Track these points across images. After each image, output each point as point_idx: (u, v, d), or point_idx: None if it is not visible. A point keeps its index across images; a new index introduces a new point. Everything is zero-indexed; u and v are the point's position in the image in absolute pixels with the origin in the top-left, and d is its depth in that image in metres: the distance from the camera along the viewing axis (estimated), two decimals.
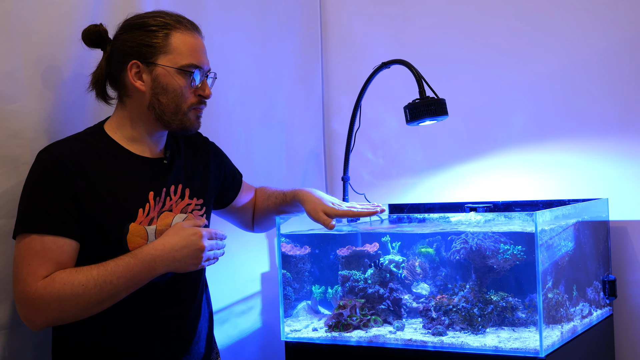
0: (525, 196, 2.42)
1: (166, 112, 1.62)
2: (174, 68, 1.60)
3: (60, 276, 1.49)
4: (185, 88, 1.61)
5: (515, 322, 1.91)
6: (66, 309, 1.49)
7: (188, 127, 1.65)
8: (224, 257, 2.14)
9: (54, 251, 1.50)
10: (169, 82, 1.60)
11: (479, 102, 2.54)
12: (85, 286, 1.48)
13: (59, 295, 1.47)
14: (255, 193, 2.03)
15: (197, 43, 1.64)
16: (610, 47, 2.34)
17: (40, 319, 1.50)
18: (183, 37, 1.61)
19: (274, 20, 2.58)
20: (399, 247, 2.12)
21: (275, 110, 2.57)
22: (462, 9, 2.57)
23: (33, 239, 1.50)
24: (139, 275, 1.53)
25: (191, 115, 1.65)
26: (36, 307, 1.48)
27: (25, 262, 1.49)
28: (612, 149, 2.34)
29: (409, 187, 2.66)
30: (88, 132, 1.65)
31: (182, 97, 1.62)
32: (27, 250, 1.49)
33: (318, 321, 2.13)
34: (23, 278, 1.48)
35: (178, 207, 1.69)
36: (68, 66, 1.77)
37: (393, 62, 2.21)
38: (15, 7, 1.66)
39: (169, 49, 1.59)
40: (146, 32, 1.59)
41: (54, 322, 1.53)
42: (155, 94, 1.61)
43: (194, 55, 1.62)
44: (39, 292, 1.47)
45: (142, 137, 1.66)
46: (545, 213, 1.82)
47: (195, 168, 1.77)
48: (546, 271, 1.82)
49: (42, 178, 1.53)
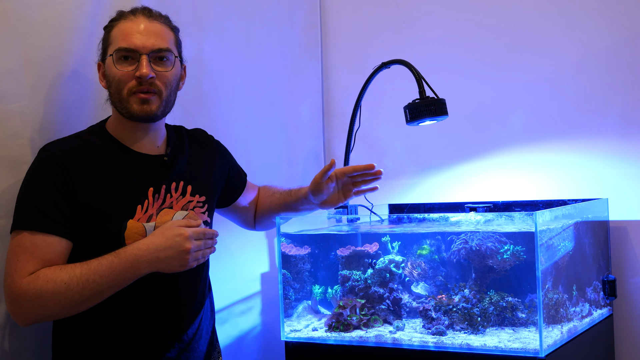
0: (525, 196, 2.41)
1: (116, 103, 1.63)
2: (110, 56, 1.61)
3: (45, 273, 1.50)
4: (120, 73, 1.59)
5: (515, 322, 1.91)
6: (49, 306, 1.50)
7: (132, 113, 1.60)
8: (224, 257, 2.15)
9: (43, 249, 1.51)
10: (109, 72, 1.62)
11: (479, 102, 2.54)
12: (68, 284, 1.49)
13: (41, 292, 1.48)
14: (259, 192, 2.03)
15: (133, 26, 1.60)
16: (610, 46, 2.34)
17: (24, 315, 1.51)
18: (122, 25, 1.62)
19: (274, 20, 2.58)
20: (399, 247, 2.12)
21: (275, 110, 2.57)
22: (462, 9, 2.57)
23: (24, 235, 1.51)
24: (122, 275, 1.53)
25: (132, 101, 1.60)
26: (20, 303, 1.50)
27: (15, 258, 1.51)
28: (612, 149, 2.34)
29: (409, 187, 2.66)
30: (89, 130, 1.67)
31: (120, 83, 1.60)
32: (18, 247, 1.51)
33: (318, 321, 2.13)
34: (11, 274, 1.50)
35: (179, 204, 1.69)
36: (68, 66, 1.77)
37: (393, 62, 2.21)
38: (15, 7, 1.66)
39: (110, 41, 1.62)
40: (105, 31, 1.64)
41: (40, 319, 1.54)
42: (109, 88, 1.63)
43: (125, 38, 1.59)
44: (23, 288, 1.49)
45: (134, 133, 1.66)
46: (545, 213, 1.82)
47: (199, 165, 1.77)
48: (546, 271, 1.82)
49: (39, 176, 1.55)
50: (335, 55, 2.80)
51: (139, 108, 1.60)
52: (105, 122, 1.69)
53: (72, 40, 1.76)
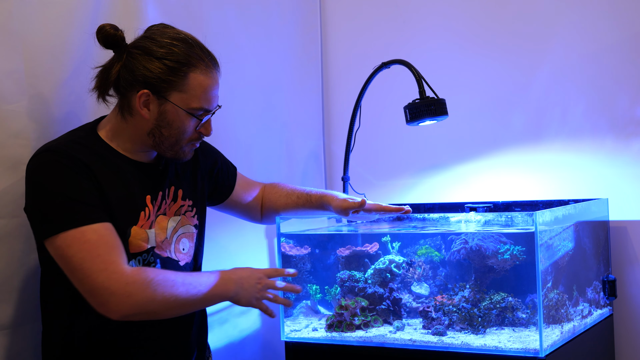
0: (525, 196, 2.41)
1: (164, 143, 1.61)
2: (184, 109, 1.58)
3: (148, 268, 1.52)
4: (190, 127, 1.61)
5: (515, 322, 1.91)
6: (156, 298, 1.47)
7: (181, 158, 1.66)
8: (223, 258, 2.15)
9: (111, 236, 1.49)
10: (175, 119, 1.58)
11: (479, 102, 2.54)
12: (174, 282, 1.50)
13: (152, 281, 1.47)
14: (264, 190, 2.02)
15: (213, 84, 1.60)
16: (613, 45, 2.33)
17: (128, 304, 1.45)
18: (200, 78, 1.57)
19: (274, 20, 2.57)
20: (399, 247, 2.12)
21: (275, 109, 2.56)
22: (462, 9, 2.57)
23: (83, 231, 1.46)
24: (215, 290, 1.56)
25: (186, 149, 1.64)
26: (129, 292, 1.45)
27: (93, 254, 1.45)
28: (612, 149, 2.34)
29: (409, 187, 2.66)
30: (82, 135, 1.61)
31: (184, 134, 1.61)
32: (84, 244, 1.45)
33: (318, 321, 2.13)
34: (103, 268, 1.44)
35: (172, 209, 1.69)
36: (68, 66, 1.76)
37: (393, 62, 2.21)
38: (15, 7, 1.65)
39: (183, 89, 1.56)
40: (164, 66, 1.55)
41: (139, 310, 1.48)
42: (159, 126, 1.58)
43: (207, 99, 1.59)
44: (132, 277, 1.45)
45: (136, 149, 1.64)
46: (545, 213, 1.82)
47: (184, 168, 1.76)
48: (546, 271, 1.82)
49: (62, 174, 1.50)
50: (335, 55, 2.80)
51: (190, 154, 1.67)
52: (95, 127, 1.64)
53: (72, 41, 1.75)
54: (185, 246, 1.71)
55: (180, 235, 1.70)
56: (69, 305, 1.56)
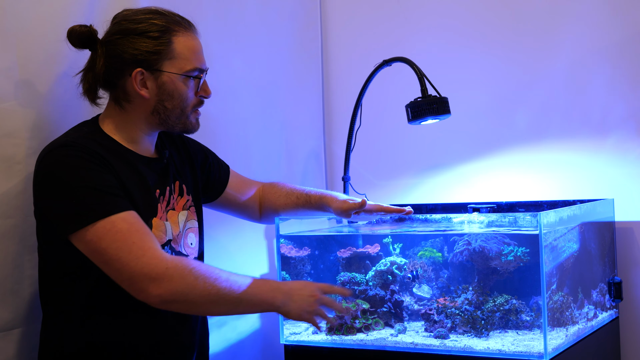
0: (529, 196, 2.40)
1: (171, 117, 1.63)
2: (180, 74, 1.60)
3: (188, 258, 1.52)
4: (190, 92, 1.63)
5: (519, 325, 1.90)
6: (197, 288, 1.46)
7: (190, 129, 1.67)
8: (222, 259, 2.13)
9: (140, 224, 1.49)
10: (175, 88, 1.60)
11: (482, 100, 2.53)
12: (218, 276, 1.49)
13: (194, 269, 1.47)
14: (262, 189, 2.01)
15: (197, 44, 1.64)
16: (616, 44, 2.32)
17: (169, 289, 1.44)
18: (184, 40, 1.61)
19: (274, 20, 2.57)
20: (401, 249, 2.10)
21: (275, 109, 2.56)
22: (465, 6, 2.55)
23: (113, 221, 1.45)
24: (261, 294, 1.54)
25: (192, 118, 1.66)
26: (170, 275, 1.44)
27: (128, 242, 1.45)
28: (618, 149, 2.32)
29: (410, 187, 2.65)
30: (88, 131, 1.61)
31: (186, 100, 1.63)
32: (116, 234, 1.45)
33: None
34: (140, 254, 1.44)
35: (179, 204, 1.70)
36: (63, 64, 1.75)
37: (394, 59, 2.20)
38: (9, 5, 1.64)
39: (172, 55, 1.59)
40: (149, 39, 1.57)
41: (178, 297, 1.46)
42: (161, 101, 1.60)
43: (197, 58, 1.62)
44: (172, 262, 1.46)
45: (141, 138, 1.65)
46: (549, 214, 1.81)
47: (182, 164, 1.77)
48: (551, 273, 1.81)
49: (83, 167, 1.49)
50: (336, 53, 2.79)
51: (197, 124, 1.68)
52: (96, 123, 1.64)
53: (67, 39, 1.73)
54: (192, 241, 1.73)
55: (188, 229, 1.72)
56: (70, 306, 1.55)
